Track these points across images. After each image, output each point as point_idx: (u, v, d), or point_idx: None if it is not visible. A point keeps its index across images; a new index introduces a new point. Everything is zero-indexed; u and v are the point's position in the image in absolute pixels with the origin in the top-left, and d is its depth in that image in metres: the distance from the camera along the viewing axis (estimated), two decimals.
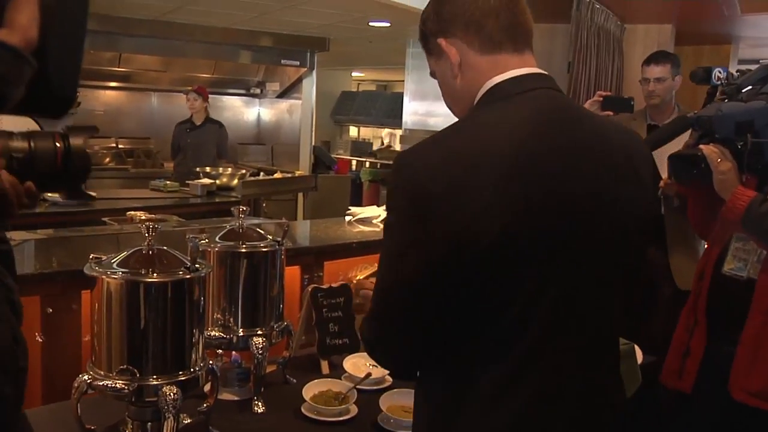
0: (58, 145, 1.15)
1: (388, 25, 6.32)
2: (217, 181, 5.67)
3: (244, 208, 1.92)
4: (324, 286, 2.18)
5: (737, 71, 2.36)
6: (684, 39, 5.52)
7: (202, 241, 1.82)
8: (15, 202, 1.10)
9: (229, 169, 6.09)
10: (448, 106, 1.41)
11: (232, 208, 1.94)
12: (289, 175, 6.76)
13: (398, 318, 1.21)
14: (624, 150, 1.29)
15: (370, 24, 6.31)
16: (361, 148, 11.23)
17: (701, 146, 2.13)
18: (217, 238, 1.85)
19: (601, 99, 3.39)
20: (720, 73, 2.34)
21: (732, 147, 2.11)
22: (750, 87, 2.23)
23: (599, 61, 4.70)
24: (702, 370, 2.28)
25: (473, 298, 1.15)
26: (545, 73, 1.29)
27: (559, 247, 1.18)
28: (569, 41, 5.33)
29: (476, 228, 1.11)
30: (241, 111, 9.04)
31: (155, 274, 1.45)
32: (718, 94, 2.30)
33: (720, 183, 2.10)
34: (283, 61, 7.68)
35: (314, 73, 7.98)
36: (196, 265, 1.51)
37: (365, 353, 2.02)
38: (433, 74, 1.39)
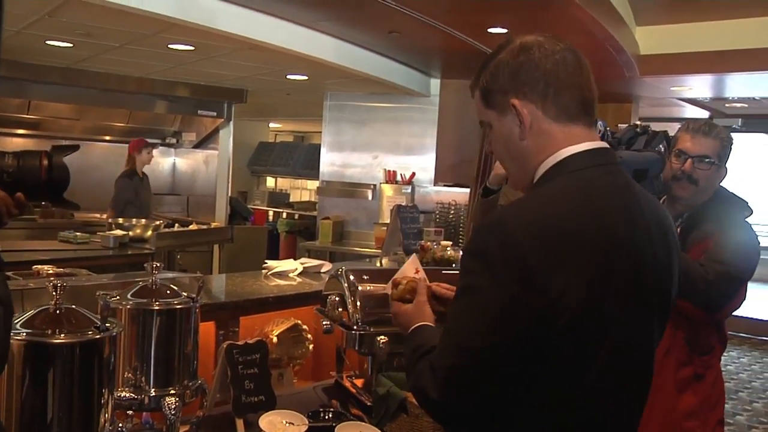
0: (44, 162, 1.41)
1: (305, 78, 6.39)
2: (130, 233, 5.53)
3: (158, 264, 1.89)
4: (240, 343, 2.14)
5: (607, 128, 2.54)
6: None
7: (113, 298, 1.78)
8: (4, 212, 1.33)
9: (143, 220, 5.95)
10: (500, 161, 1.44)
11: (145, 264, 1.90)
12: (205, 227, 6.67)
13: (479, 379, 1.22)
14: (667, 221, 1.39)
15: (288, 77, 6.36)
16: (278, 198, 11.18)
17: None
18: (129, 296, 1.81)
19: None
20: (600, 126, 2.47)
21: (648, 185, 2.24)
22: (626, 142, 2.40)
23: None
24: None
25: (555, 360, 1.20)
26: (609, 147, 1.36)
27: (632, 312, 1.25)
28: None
29: (568, 293, 1.16)
30: (156, 161, 8.82)
31: (63, 335, 1.40)
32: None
33: None
34: (199, 112, 7.65)
35: (231, 123, 7.97)
36: (107, 325, 1.47)
37: (281, 410, 2.01)
38: (482, 124, 1.40)
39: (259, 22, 4.56)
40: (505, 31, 4.59)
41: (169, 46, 4.99)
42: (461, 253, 3.19)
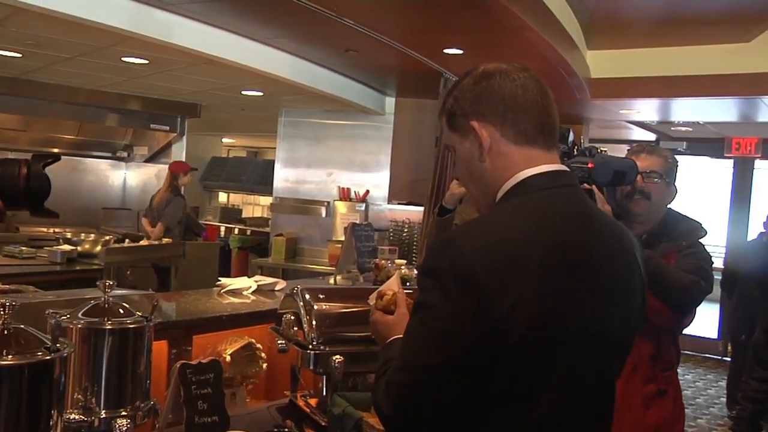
0: (23, 170, 1.41)
1: (260, 94, 6.37)
2: (79, 248, 5.42)
3: (110, 282, 1.85)
4: (193, 362, 2.11)
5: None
6: None
7: (64, 318, 1.74)
8: None
9: (92, 235, 5.84)
10: (464, 185, 1.48)
11: (97, 282, 1.86)
12: (156, 243, 6.56)
13: (429, 395, 1.24)
14: (627, 240, 1.42)
15: (243, 93, 6.33)
16: (230, 214, 11.06)
17: (586, 185, 2.30)
18: (80, 315, 1.77)
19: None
20: (571, 137, 2.56)
21: (611, 195, 2.31)
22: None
23: None
24: None
25: (507, 379, 1.22)
26: (569, 170, 1.39)
27: (590, 333, 1.27)
28: (437, 117, 5.57)
29: (516, 314, 1.18)
30: (106, 175, 8.71)
31: (10, 357, 1.36)
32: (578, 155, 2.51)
33: None
34: (152, 126, 7.54)
35: (184, 138, 7.87)
36: (57, 345, 1.43)
37: (235, 431, 1.98)
38: (448, 148, 1.45)
39: (215, 38, 4.53)
40: (460, 52, 4.66)
41: (123, 59, 4.92)
42: (415, 271, 3.19)
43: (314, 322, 2.24)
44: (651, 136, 8.95)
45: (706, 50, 5.47)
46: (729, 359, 7.15)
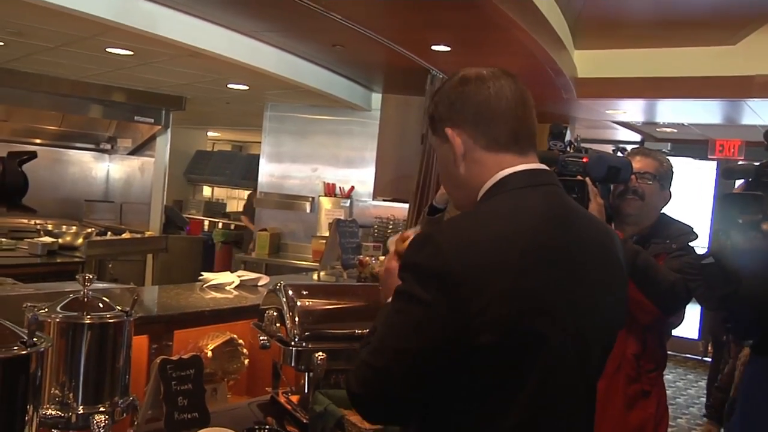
0: None
1: (246, 88, 6.32)
2: (60, 240, 5.36)
3: (90, 276, 1.82)
4: (174, 358, 2.09)
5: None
6: None
7: (42, 311, 1.71)
8: None
9: (74, 227, 5.77)
10: (445, 188, 1.51)
11: (77, 276, 1.83)
12: (139, 236, 6.51)
13: (396, 381, 1.26)
14: (609, 238, 1.43)
15: (229, 86, 6.29)
16: (214, 208, 11.02)
17: (580, 177, 2.31)
18: (58, 308, 1.74)
19: None
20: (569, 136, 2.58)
21: (604, 190, 2.32)
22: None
23: None
24: None
25: (481, 377, 1.23)
26: (548, 169, 1.39)
27: (568, 331, 1.27)
28: (423, 113, 5.56)
29: (490, 312, 1.19)
30: (90, 167, 8.61)
31: None
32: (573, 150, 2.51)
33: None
34: (136, 118, 7.44)
35: (169, 131, 7.80)
36: (34, 339, 1.41)
37: (215, 428, 1.96)
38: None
39: (201, 30, 4.49)
40: (448, 49, 4.64)
41: (107, 49, 4.86)
42: None
43: (297, 319, 2.23)
44: (636, 137, 8.99)
45: (692, 52, 5.49)
46: (709, 359, 7.20)
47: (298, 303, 2.26)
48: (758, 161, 2.28)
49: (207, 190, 11.88)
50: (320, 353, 2.14)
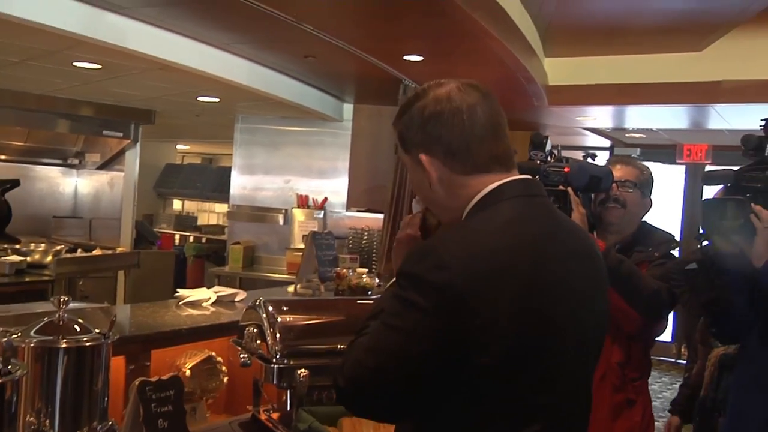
0: None
1: (217, 100, 6.27)
2: (28, 258, 5.24)
3: (65, 298, 1.77)
4: (153, 379, 2.04)
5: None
6: None
7: (15, 336, 1.65)
8: None
9: (42, 244, 5.65)
10: (425, 204, 1.48)
11: (51, 299, 1.77)
12: (110, 252, 6.40)
13: (389, 380, 1.24)
14: (593, 249, 1.43)
15: (199, 99, 6.22)
16: (185, 222, 10.89)
17: (561, 187, 2.31)
18: (32, 332, 1.68)
19: None
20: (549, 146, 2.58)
21: (585, 199, 2.32)
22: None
23: None
24: None
25: (477, 384, 1.21)
26: (537, 180, 1.38)
27: (563, 343, 1.27)
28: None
29: (492, 326, 1.17)
30: (57, 182, 8.45)
31: None
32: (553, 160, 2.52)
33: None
34: (105, 132, 7.33)
35: (138, 145, 7.70)
36: (9, 367, 1.36)
37: None
38: (402, 161, 1.46)
39: (171, 43, 4.43)
40: (420, 58, 4.64)
41: (75, 63, 4.78)
42: (377, 279, 3.18)
43: (278, 335, 2.19)
44: (606, 143, 9.08)
45: (661, 59, 5.56)
46: (684, 362, 7.26)
47: (279, 319, 2.22)
48: (736, 166, 2.30)
49: (177, 204, 11.76)
50: (303, 370, 2.10)
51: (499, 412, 1.24)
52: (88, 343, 1.70)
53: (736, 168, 2.25)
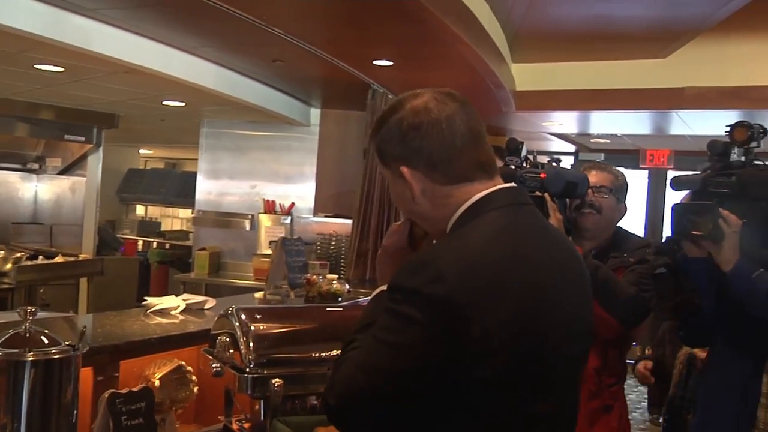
0: None
1: (182, 104, 6.18)
2: None
3: (32, 309, 1.71)
4: (123, 391, 1.98)
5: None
6: None
7: None
8: None
9: (1, 252, 5.52)
10: (405, 215, 1.44)
11: (18, 311, 1.71)
12: (72, 259, 6.26)
13: (382, 396, 1.21)
14: (577, 255, 1.42)
15: (164, 103, 6.13)
16: (148, 227, 10.75)
17: (538, 193, 2.30)
18: None
19: None
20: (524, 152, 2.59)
21: (560, 204, 2.33)
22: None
23: None
24: None
25: (471, 397, 1.19)
26: (522, 188, 1.37)
27: (556, 354, 1.26)
28: (364, 129, 5.53)
29: (489, 339, 1.15)
30: (16, 187, 8.25)
31: None
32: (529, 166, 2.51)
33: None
34: (66, 137, 7.18)
35: (101, 149, 7.55)
36: None
37: None
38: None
39: (136, 45, 4.35)
40: (390, 63, 4.63)
41: (36, 66, 4.67)
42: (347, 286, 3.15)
43: (252, 344, 2.14)
44: (570, 148, 9.18)
45: (625, 65, 5.64)
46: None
47: (253, 327, 2.18)
48: (702, 171, 2.32)
49: (140, 209, 11.60)
50: (277, 379, 2.06)
51: (497, 423, 1.22)
52: (56, 356, 1.64)
53: (702, 173, 2.28)
